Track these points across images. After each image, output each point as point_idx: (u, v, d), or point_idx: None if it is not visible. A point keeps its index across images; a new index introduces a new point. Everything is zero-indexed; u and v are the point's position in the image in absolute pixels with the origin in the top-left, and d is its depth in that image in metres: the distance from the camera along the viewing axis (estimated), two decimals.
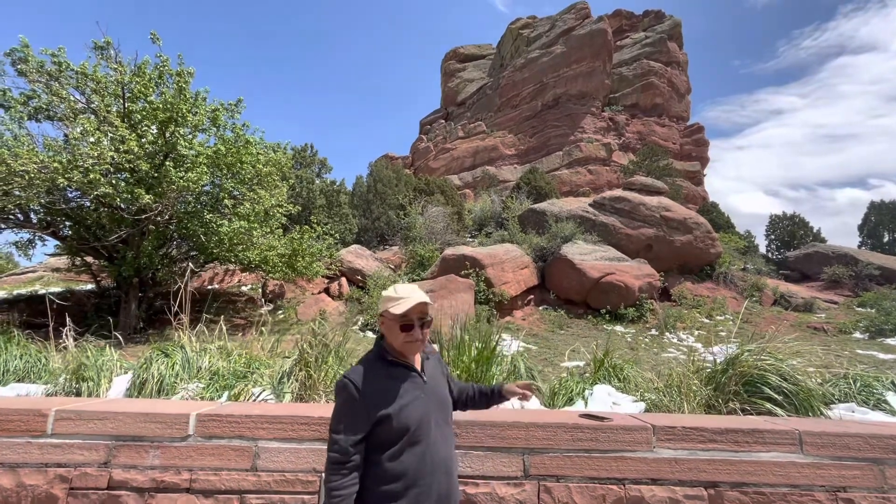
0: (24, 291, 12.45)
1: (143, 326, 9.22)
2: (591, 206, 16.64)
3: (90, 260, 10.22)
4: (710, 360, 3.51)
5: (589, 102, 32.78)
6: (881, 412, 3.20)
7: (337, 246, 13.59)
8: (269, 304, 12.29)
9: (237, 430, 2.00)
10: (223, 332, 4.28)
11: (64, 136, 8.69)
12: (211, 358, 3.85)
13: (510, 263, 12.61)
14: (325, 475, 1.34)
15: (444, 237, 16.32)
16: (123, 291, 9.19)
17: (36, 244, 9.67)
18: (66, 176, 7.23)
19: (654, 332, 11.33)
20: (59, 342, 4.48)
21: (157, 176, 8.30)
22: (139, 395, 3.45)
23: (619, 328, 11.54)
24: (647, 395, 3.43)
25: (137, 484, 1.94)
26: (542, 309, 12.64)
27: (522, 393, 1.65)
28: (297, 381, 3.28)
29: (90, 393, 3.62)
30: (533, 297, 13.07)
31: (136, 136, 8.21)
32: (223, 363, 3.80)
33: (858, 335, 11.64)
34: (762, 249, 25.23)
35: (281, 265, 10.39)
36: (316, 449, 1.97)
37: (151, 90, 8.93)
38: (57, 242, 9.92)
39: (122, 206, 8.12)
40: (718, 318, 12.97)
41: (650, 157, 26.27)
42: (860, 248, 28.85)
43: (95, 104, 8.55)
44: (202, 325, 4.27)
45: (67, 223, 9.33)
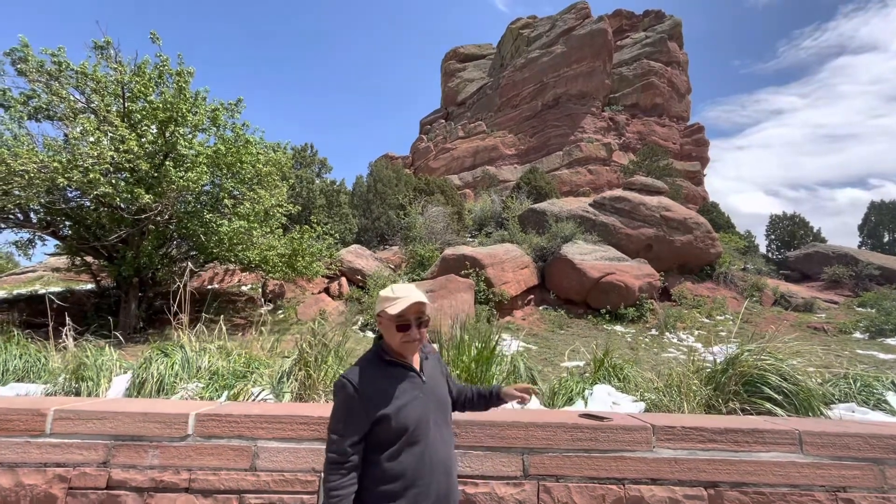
0: (23, 291, 12.45)
1: (142, 326, 9.22)
2: (591, 205, 16.63)
3: (90, 260, 10.22)
4: (710, 359, 3.51)
5: (589, 102, 32.77)
6: (881, 412, 3.19)
7: (337, 246, 13.59)
8: (269, 303, 12.28)
9: (236, 429, 2.00)
10: (223, 331, 4.28)
11: (64, 135, 8.68)
12: (210, 358, 3.85)
13: (510, 263, 12.61)
14: (323, 475, 1.34)
15: (444, 237, 16.31)
16: (123, 291, 9.19)
17: (36, 244, 9.67)
18: (65, 175, 7.23)
19: (654, 332, 11.32)
20: (58, 342, 4.48)
21: (156, 175, 8.29)
22: (138, 394, 3.45)
23: (619, 328, 11.54)
24: (646, 394, 3.42)
25: (136, 484, 1.94)
26: (542, 309, 12.64)
27: (521, 396, 1.63)
28: (296, 380, 3.27)
29: (89, 393, 3.61)
30: (533, 296, 13.07)
31: (135, 135, 8.20)
32: (223, 363, 3.80)
33: (858, 335, 11.64)
34: (762, 249, 25.24)
35: (281, 265, 10.39)
36: (315, 449, 1.97)
37: (151, 90, 8.92)
38: (57, 242, 9.91)
39: (121, 205, 8.12)
40: (718, 318, 12.96)
41: (650, 157, 26.27)
42: (860, 248, 28.83)
43: (95, 104, 8.54)
44: (202, 324, 4.27)
45: (67, 223, 9.33)
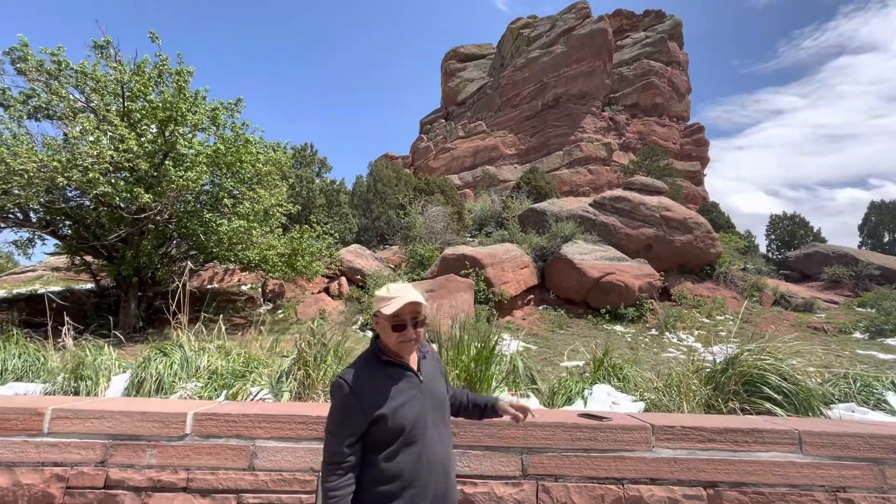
0: (23, 290, 12.45)
1: (142, 326, 9.22)
2: (591, 205, 16.63)
3: (90, 259, 10.20)
4: (709, 359, 3.51)
5: (589, 102, 32.75)
6: (881, 412, 3.19)
7: (337, 245, 13.58)
8: (268, 303, 12.28)
9: (234, 429, 1.99)
10: (222, 331, 4.28)
11: (63, 134, 8.68)
12: (209, 357, 3.84)
13: (510, 263, 12.61)
14: (321, 475, 1.34)
15: (443, 237, 16.31)
16: (123, 290, 9.18)
17: (35, 243, 9.66)
18: (65, 175, 7.22)
19: (653, 331, 11.32)
20: (57, 341, 4.47)
21: (156, 175, 8.29)
22: (137, 394, 3.45)
23: (618, 328, 11.54)
24: (646, 394, 3.42)
25: (134, 483, 1.93)
26: (541, 308, 12.64)
27: (515, 415, 1.60)
28: (295, 380, 3.27)
29: (88, 392, 3.61)
30: (533, 296, 13.06)
31: (135, 135, 8.19)
32: (222, 362, 3.80)
33: (858, 335, 11.64)
34: (762, 249, 25.23)
35: (280, 264, 10.38)
36: (314, 448, 1.96)
37: (151, 89, 8.91)
38: (56, 241, 9.90)
39: (121, 205, 8.12)
40: (718, 317, 12.96)
41: (650, 156, 26.26)
42: (860, 248, 28.82)
43: (95, 103, 8.53)
44: (201, 324, 4.26)
45: (67, 222, 9.32)
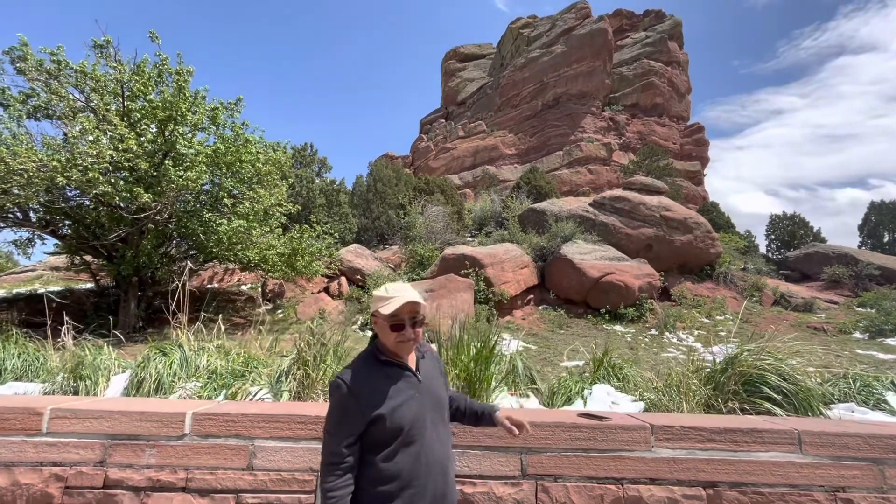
0: (23, 290, 12.45)
1: (142, 325, 9.21)
2: (591, 205, 16.62)
3: (89, 259, 10.20)
4: (709, 359, 3.50)
5: (589, 102, 32.74)
6: (881, 412, 3.19)
7: (337, 245, 13.58)
8: (268, 303, 12.28)
9: (233, 428, 1.99)
10: (222, 331, 4.27)
11: (63, 134, 8.67)
12: (209, 357, 3.84)
13: (510, 263, 12.60)
14: (320, 476, 1.33)
15: (443, 237, 16.30)
16: (122, 290, 9.18)
17: (35, 243, 9.65)
18: (64, 174, 7.22)
19: (653, 331, 11.32)
20: (57, 341, 4.47)
21: (156, 175, 8.28)
22: (137, 393, 3.44)
23: (618, 328, 11.53)
24: (646, 394, 3.42)
25: (133, 483, 1.93)
26: (541, 308, 12.64)
27: (511, 430, 1.57)
28: (294, 379, 3.27)
29: (88, 392, 3.61)
30: (533, 296, 13.06)
31: (135, 134, 8.19)
32: (221, 362, 3.79)
33: (858, 335, 11.64)
34: (762, 249, 25.23)
35: (280, 264, 10.38)
36: (312, 448, 1.96)
37: (151, 89, 8.91)
38: (56, 241, 9.90)
39: (121, 204, 8.11)
40: (718, 317, 12.96)
41: (650, 156, 26.25)
42: (860, 248, 28.82)
43: (94, 103, 8.52)
44: (200, 323, 4.25)
45: (66, 222, 9.32)
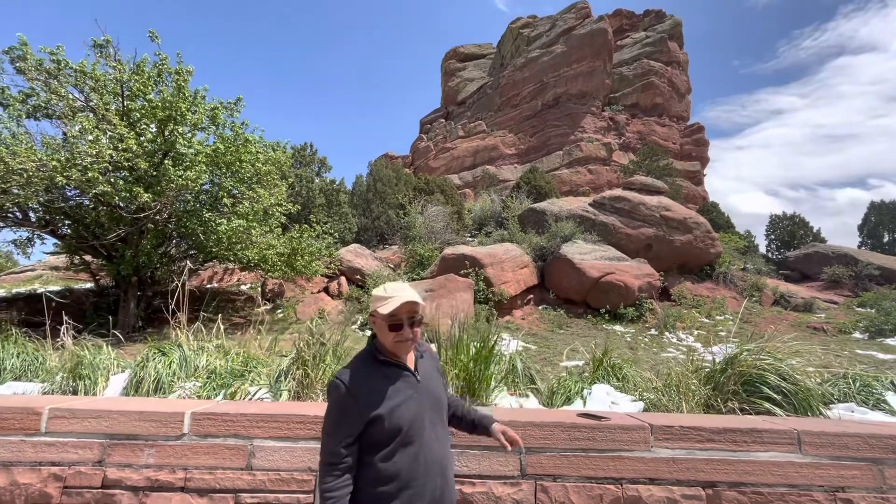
0: (22, 290, 12.45)
1: (141, 325, 9.21)
2: (590, 205, 16.63)
3: (89, 258, 10.20)
4: (709, 359, 3.50)
5: (589, 102, 32.73)
6: (880, 412, 3.19)
7: (336, 245, 13.58)
8: (268, 302, 12.28)
9: (232, 428, 1.99)
10: (221, 330, 4.27)
11: (62, 134, 8.67)
12: (208, 357, 3.84)
13: (510, 263, 12.60)
14: (318, 476, 1.33)
15: (443, 236, 16.30)
16: (122, 290, 9.18)
17: (35, 242, 9.65)
18: (64, 174, 7.21)
19: (653, 331, 11.32)
20: (56, 341, 4.46)
21: (155, 174, 8.28)
22: (136, 393, 3.44)
23: (618, 328, 11.53)
24: (645, 394, 3.41)
25: (132, 483, 1.93)
26: (541, 308, 12.63)
27: (504, 445, 1.55)
28: (294, 379, 3.26)
29: (87, 391, 3.60)
30: (532, 296, 13.06)
31: (134, 134, 8.19)
32: (221, 362, 3.79)
33: (858, 335, 11.64)
34: (762, 249, 25.25)
35: (280, 264, 10.38)
36: (311, 448, 1.96)
37: (150, 88, 8.90)
38: (56, 241, 9.90)
39: (120, 204, 8.11)
40: (718, 317, 12.96)
41: (650, 156, 26.26)
42: (860, 248, 28.83)
43: (94, 102, 8.52)
44: (200, 323, 4.25)
45: (66, 221, 9.32)
